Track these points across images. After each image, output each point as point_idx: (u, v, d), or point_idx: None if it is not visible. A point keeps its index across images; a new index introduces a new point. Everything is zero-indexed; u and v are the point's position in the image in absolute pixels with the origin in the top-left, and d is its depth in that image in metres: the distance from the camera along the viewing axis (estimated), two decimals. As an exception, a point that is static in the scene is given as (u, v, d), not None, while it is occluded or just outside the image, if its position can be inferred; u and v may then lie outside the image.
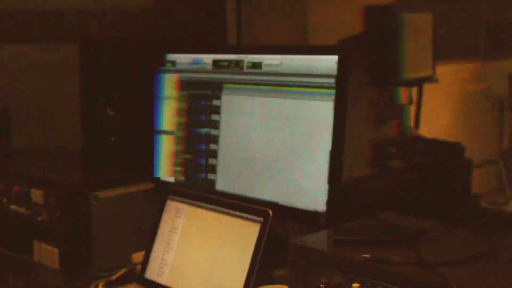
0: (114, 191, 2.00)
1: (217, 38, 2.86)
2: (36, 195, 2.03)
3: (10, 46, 2.58)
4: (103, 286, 1.83)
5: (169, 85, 2.07)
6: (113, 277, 1.86)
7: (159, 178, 2.07)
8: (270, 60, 1.83)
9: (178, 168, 2.03)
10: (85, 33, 2.58)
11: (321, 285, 1.35)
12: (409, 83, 3.38)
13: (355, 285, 1.31)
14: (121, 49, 2.38)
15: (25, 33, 2.61)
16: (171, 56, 2.07)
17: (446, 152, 3.09)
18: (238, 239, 1.67)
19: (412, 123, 3.45)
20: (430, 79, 3.43)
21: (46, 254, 2.02)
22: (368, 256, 1.32)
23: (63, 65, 2.57)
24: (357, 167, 2.90)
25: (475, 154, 3.27)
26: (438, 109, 3.62)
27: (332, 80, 1.69)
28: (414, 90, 3.44)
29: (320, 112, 1.71)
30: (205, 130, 1.96)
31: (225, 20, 2.88)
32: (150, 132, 2.09)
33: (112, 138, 2.29)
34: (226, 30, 2.88)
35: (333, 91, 1.68)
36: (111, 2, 2.72)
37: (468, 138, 3.44)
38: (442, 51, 3.51)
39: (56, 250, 1.99)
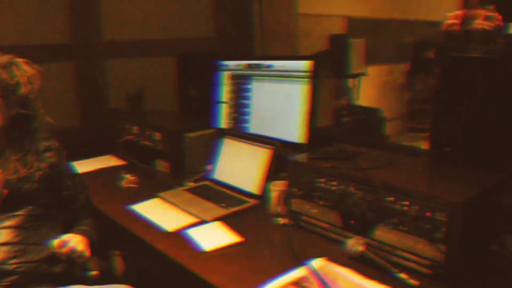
0: (197, 133, 1.99)
1: (249, 50, 2.81)
2: (157, 135, 2.04)
3: (141, 58, 2.55)
4: (192, 181, 1.86)
5: (224, 77, 2.05)
6: (197, 177, 1.89)
7: (219, 126, 2.07)
8: (277, 63, 1.81)
9: (230, 121, 2.03)
10: (178, 51, 2.54)
11: (303, 180, 1.36)
12: (352, 76, 3.36)
13: (322, 180, 1.31)
14: (198, 58, 2.36)
15: (148, 52, 2.57)
16: (225, 62, 2.05)
17: (371, 112, 3.08)
18: (260, 158, 1.68)
19: (354, 97, 3.43)
20: (364, 74, 3.41)
21: (162, 166, 2.05)
22: (328, 165, 1.32)
23: (167, 69, 2.52)
24: (325, 121, 2.91)
25: (387, 114, 3.23)
26: (368, 90, 3.57)
27: (308, 74, 1.68)
28: (356, 80, 3.41)
29: (301, 91, 1.69)
30: (243, 101, 1.95)
31: (254, 40, 2.82)
32: (216, 102, 2.08)
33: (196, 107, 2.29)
34: (255, 45, 2.82)
35: (309, 79, 1.67)
36: (192, 33, 2.67)
37: (384, 105, 3.39)
38: (370, 58, 3.44)
39: (167, 163, 2.01)
